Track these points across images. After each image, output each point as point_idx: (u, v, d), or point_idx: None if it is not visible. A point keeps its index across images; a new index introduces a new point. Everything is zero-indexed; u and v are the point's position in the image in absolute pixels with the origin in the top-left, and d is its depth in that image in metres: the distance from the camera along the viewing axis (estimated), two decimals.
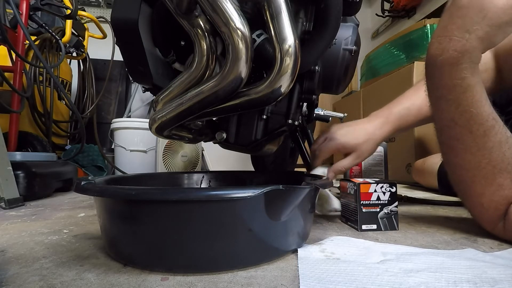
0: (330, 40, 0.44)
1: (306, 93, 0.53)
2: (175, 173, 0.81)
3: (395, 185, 0.46)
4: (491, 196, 0.40)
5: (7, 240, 0.43)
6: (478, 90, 0.38)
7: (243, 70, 0.35)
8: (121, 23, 0.41)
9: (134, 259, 0.32)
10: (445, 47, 0.38)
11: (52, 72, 1.16)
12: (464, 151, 0.40)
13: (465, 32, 0.37)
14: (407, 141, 1.24)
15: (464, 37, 0.37)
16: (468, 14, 0.37)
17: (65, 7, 1.17)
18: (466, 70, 0.38)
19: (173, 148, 1.34)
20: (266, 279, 0.28)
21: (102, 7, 2.20)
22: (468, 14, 0.37)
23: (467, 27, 0.37)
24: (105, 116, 1.93)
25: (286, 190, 0.30)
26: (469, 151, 0.40)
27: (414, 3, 1.97)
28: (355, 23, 0.56)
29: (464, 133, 0.40)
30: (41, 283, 0.28)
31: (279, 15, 0.34)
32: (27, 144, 1.14)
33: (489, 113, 0.39)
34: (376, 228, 0.46)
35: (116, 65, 1.85)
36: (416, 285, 0.26)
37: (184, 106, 0.40)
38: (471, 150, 0.40)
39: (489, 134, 0.39)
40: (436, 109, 0.43)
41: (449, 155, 0.44)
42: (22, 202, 0.75)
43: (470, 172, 0.41)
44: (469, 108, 0.38)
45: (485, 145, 0.39)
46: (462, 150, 0.41)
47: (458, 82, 0.38)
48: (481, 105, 0.38)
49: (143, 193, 0.28)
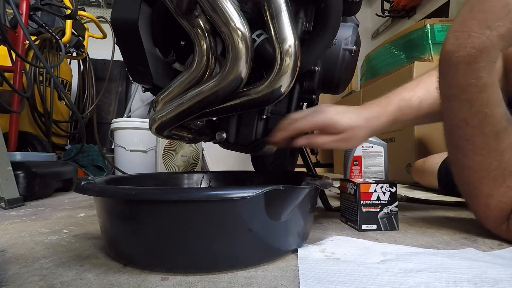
0: (330, 40, 0.44)
1: (306, 93, 0.53)
2: (175, 173, 0.81)
3: (395, 185, 0.46)
4: (499, 198, 0.39)
5: (7, 240, 0.43)
6: (494, 90, 0.36)
7: (243, 70, 0.35)
8: (121, 23, 0.41)
9: (134, 259, 0.32)
10: (463, 43, 0.35)
11: (52, 72, 1.16)
12: (474, 152, 0.39)
13: (486, 28, 0.34)
14: (407, 141, 1.24)
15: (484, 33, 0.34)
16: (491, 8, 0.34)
17: (65, 7, 1.17)
18: (484, 70, 0.35)
19: (173, 148, 1.34)
20: (266, 279, 0.28)
21: (102, 7, 2.20)
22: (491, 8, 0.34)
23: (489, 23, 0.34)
24: (105, 116, 1.93)
25: (286, 190, 0.30)
26: (479, 152, 0.38)
27: (414, 3, 1.98)
28: (355, 23, 0.56)
29: (476, 134, 0.38)
30: (41, 283, 0.28)
31: (279, 15, 0.34)
32: (27, 144, 1.14)
33: (503, 114, 0.37)
34: (376, 228, 0.46)
35: (116, 65, 1.85)
36: (416, 285, 0.26)
37: (184, 106, 0.40)
38: (482, 152, 0.38)
39: (502, 136, 0.37)
40: (447, 107, 0.41)
41: (457, 156, 0.42)
42: (22, 202, 0.75)
43: (478, 173, 0.40)
44: (483, 109, 0.36)
45: (497, 147, 0.37)
46: (472, 151, 0.39)
47: (473, 82, 0.36)
48: (495, 106, 0.37)
49: (143, 193, 0.28)
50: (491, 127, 0.37)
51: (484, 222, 0.43)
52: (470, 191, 0.42)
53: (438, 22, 1.29)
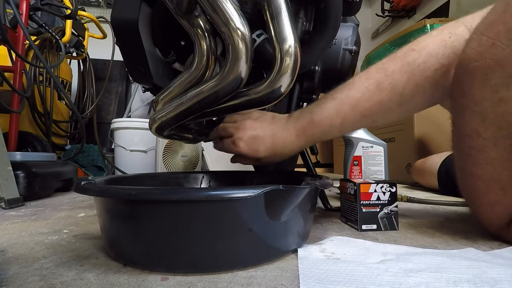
0: (330, 40, 0.44)
1: (306, 93, 0.53)
2: (175, 173, 0.81)
3: (395, 185, 0.46)
4: (507, 205, 0.38)
5: (7, 240, 0.43)
6: None
7: (243, 70, 0.35)
8: (121, 23, 0.41)
9: (134, 259, 0.32)
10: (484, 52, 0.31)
11: (52, 72, 1.16)
12: (485, 162, 0.36)
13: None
14: (407, 141, 1.24)
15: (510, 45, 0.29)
16: None
17: (65, 7, 1.17)
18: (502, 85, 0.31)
19: (173, 148, 1.34)
20: (266, 279, 0.28)
21: (102, 7, 2.20)
22: None
23: None
24: (105, 116, 1.93)
25: (286, 190, 0.30)
26: (491, 163, 0.36)
27: (414, 3, 1.98)
28: (355, 23, 0.56)
29: (488, 146, 0.35)
30: (41, 283, 0.28)
31: (279, 15, 0.34)
32: (27, 144, 1.14)
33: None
34: (376, 228, 0.46)
35: (116, 65, 1.85)
36: (416, 285, 0.26)
37: (184, 106, 0.40)
38: (494, 163, 0.36)
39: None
40: (458, 116, 0.38)
41: (466, 164, 0.39)
42: (22, 202, 0.75)
43: (487, 182, 0.38)
44: (497, 122, 0.34)
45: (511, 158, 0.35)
46: (483, 161, 0.36)
47: (488, 96, 0.33)
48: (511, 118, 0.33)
49: (143, 193, 0.28)
50: (505, 139, 0.34)
51: (487, 226, 0.42)
52: (475, 198, 0.41)
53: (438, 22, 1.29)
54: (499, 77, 0.31)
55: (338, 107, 0.43)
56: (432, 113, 1.17)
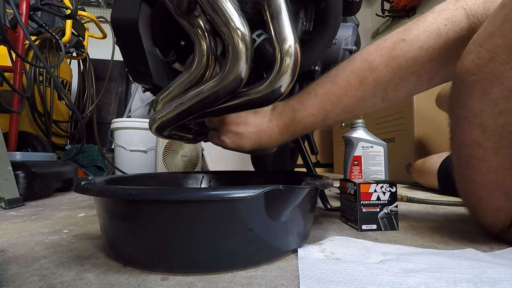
0: (330, 40, 0.44)
1: None
2: (175, 173, 0.81)
3: (395, 185, 0.46)
4: (509, 209, 0.37)
5: (7, 240, 0.43)
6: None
7: (243, 70, 0.35)
8: (121, 23, 0.41)
9: (134, 259, 0.32)
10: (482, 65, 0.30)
11: (52, 72, 1.16)
12: (487, 170, 0.36)
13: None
14: (407, 141, 1.24)
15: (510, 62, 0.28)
16: None
17: (65, 7, 1.17)
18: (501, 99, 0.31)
19: (173, 148, 1.34)
20: (266, 279, 0.28)
21: (102, 7, 2.20)
22: None
23: None
24: (105, 116, 1.93)
25: (286, 190, 0.30)
26: (493, 171, 0.35)
27: (414, 3, 1.98)
28: (355, 23, 0.56)
29: (489, 155, 0.35)
30: (41, 283, 0.28)
31: (279, 15, 0.34)
32: (27, 144, 1.14)
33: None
34: (376, 228, 0.46)
35: (116, 65, 1.85)
36: (416, 285, 0.26)
37: (184, 106, 0.40)
38: (496, 171, 0.35)
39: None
40: (457, 126, 0.37)
41: (467, 172, 0.38)
42: (22, 202, 0.75)
43: (489, 190, 0.37)
44: (498, 133, 0.33)
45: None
46: (485, 170, 0.36)
47: (488, 109, 0.32)
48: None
49: (143, 193, 0.28)
50: (506, 148, 0.33)
51: (489, 230, 0.42)
52: (477, 204, 0.40)
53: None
54: (498, 92, 0.31)
55: (320, 104, 0.43)
56: (432, 113, 1.17)
